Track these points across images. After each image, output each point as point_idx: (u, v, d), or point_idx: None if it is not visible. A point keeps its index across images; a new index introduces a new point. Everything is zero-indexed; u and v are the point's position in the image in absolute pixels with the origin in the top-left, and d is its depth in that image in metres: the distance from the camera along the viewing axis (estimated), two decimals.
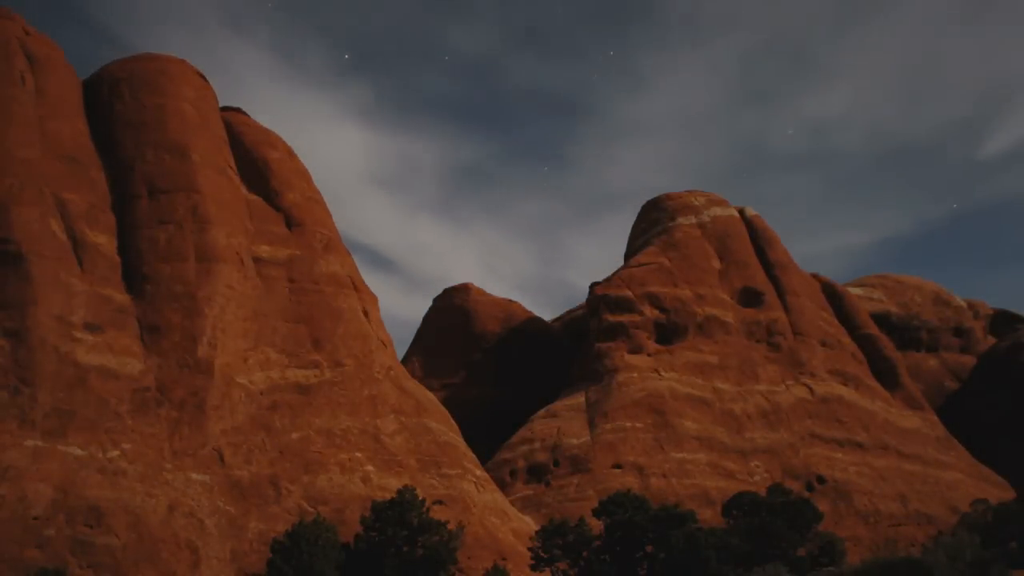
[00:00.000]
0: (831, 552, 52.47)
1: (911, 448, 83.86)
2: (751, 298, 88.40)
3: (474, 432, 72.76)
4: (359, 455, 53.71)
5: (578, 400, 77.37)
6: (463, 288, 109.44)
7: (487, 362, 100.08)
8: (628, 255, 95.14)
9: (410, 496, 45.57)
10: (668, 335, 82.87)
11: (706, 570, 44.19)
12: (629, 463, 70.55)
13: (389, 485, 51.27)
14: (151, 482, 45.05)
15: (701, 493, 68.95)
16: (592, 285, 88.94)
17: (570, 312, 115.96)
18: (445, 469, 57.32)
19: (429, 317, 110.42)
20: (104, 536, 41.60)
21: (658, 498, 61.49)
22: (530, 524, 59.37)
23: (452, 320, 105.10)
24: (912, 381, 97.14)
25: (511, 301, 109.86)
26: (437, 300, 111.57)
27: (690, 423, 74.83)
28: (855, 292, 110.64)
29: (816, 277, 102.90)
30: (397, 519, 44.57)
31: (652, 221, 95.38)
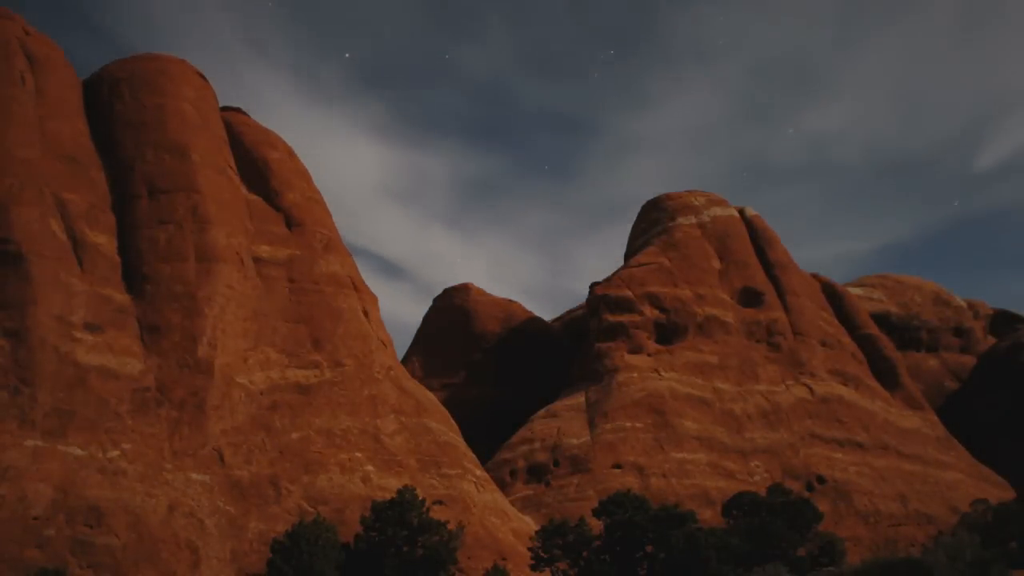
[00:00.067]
0: (831, 552, 52.49)
1: (911, 448, 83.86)
2: (751, 298, 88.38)
3: (474, 432, 72.71)
4: (359, 455, 53.72)
5: (578, 400, 77.36)
6: (463, 288, 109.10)
7: (487, 362, 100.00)
8: (628, 255, 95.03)
9: (410, 496, 45.56)
10: (668, 335, 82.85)
11: (706, 570, 44.19)
12: (629, 463, 70.54)
13: (389, 485, 51.27)
14: (151, 482, 45.06)
15: (701, 493, 68.94)
16: (592, 285, 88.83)
17: (570, 312, 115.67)
18: (445, 469, 57.32)
19: (429, 317, 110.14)
20: (104, 536, 41.61)
21: (658, 498, 61.49)
22: (530, 524, 59.35)
23: (452, 320, 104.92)
24: (912, 381, 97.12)
25: (511, 301, 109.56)
26: (437, 300, 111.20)
27: (690, 423, 74.82)
28: (855, 292, 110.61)
29: (816, 277, 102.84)
30: (397, 519, 44.56)
31: (652, 221, 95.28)
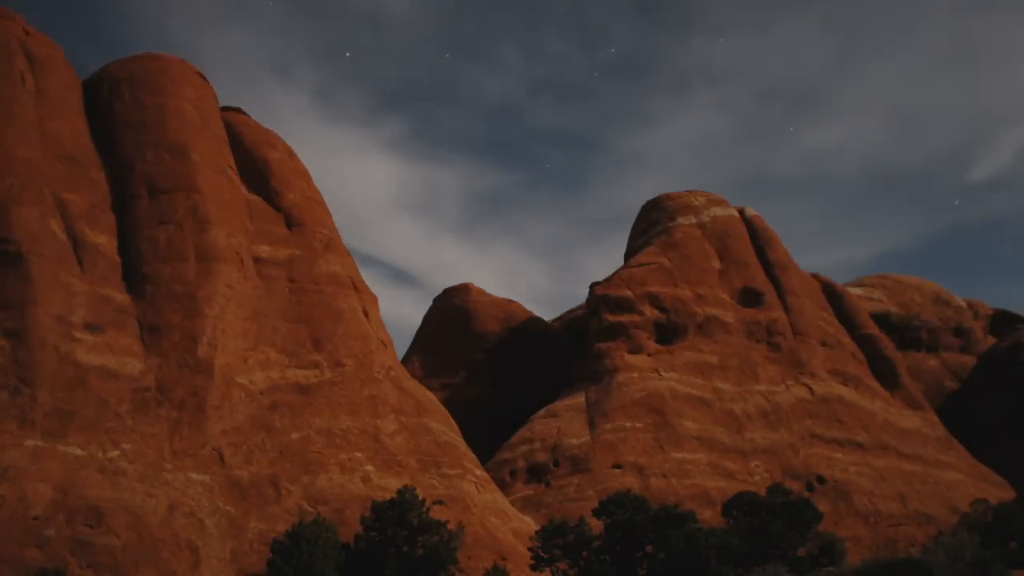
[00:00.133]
0: (831, 552, 52.47)
1: (911, 448, 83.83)
2: (751, 298, 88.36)
3: (474, 432, 72.68)
4: (359, 455, 53.72)
5: (578, 400, 77.33)
6: (463, 288, 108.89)
7: (487, 362, 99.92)
8: (628, 255, 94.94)
9: (410, 496, 45.57)
10: (668, 335, 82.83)
11: (706, 570, 44.19)
12: (629, 463, 70.53)
13: (389, 485, 51.27)
14: (151, 482, 45.06)
15: (701, 493, 68.93)
16: (592, 285, 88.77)
17: (570, 312, 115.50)
18: (445, 469, 57.32)
19: (429, 317, 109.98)
20: (104, 536, 41.61)
21: (658, 498, 61.50)
22: (530, 524, 59.35)
23: (452, 320, 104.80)
24: (912, 381, 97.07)
25: (511, 301, 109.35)
26: (437, 300, 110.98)
27: (690, 423, 74.80)
28: (855, 292, 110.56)
29: (816, 277, 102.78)
30: (397, 519, 44.57)
31: (652, 221, 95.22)
